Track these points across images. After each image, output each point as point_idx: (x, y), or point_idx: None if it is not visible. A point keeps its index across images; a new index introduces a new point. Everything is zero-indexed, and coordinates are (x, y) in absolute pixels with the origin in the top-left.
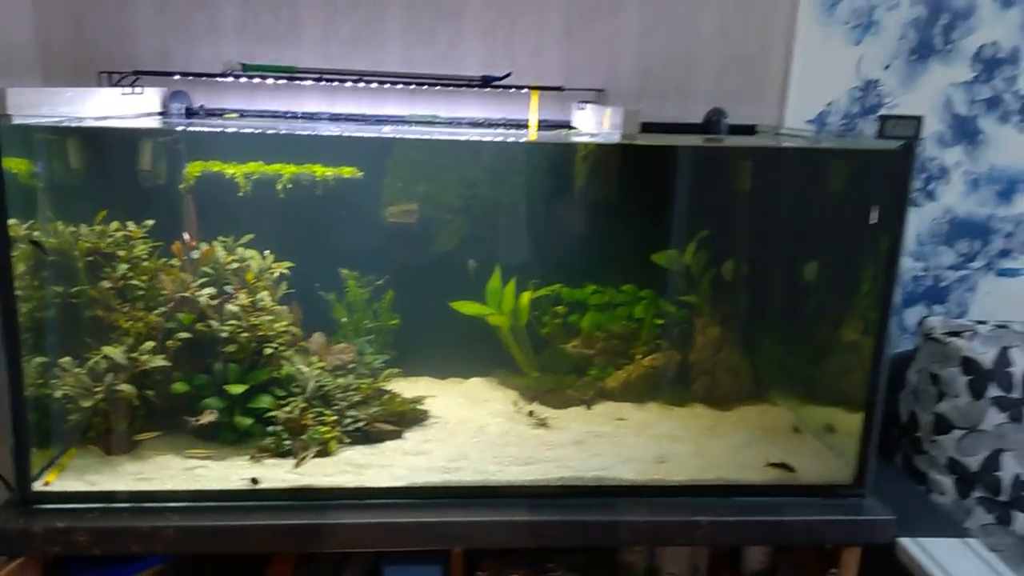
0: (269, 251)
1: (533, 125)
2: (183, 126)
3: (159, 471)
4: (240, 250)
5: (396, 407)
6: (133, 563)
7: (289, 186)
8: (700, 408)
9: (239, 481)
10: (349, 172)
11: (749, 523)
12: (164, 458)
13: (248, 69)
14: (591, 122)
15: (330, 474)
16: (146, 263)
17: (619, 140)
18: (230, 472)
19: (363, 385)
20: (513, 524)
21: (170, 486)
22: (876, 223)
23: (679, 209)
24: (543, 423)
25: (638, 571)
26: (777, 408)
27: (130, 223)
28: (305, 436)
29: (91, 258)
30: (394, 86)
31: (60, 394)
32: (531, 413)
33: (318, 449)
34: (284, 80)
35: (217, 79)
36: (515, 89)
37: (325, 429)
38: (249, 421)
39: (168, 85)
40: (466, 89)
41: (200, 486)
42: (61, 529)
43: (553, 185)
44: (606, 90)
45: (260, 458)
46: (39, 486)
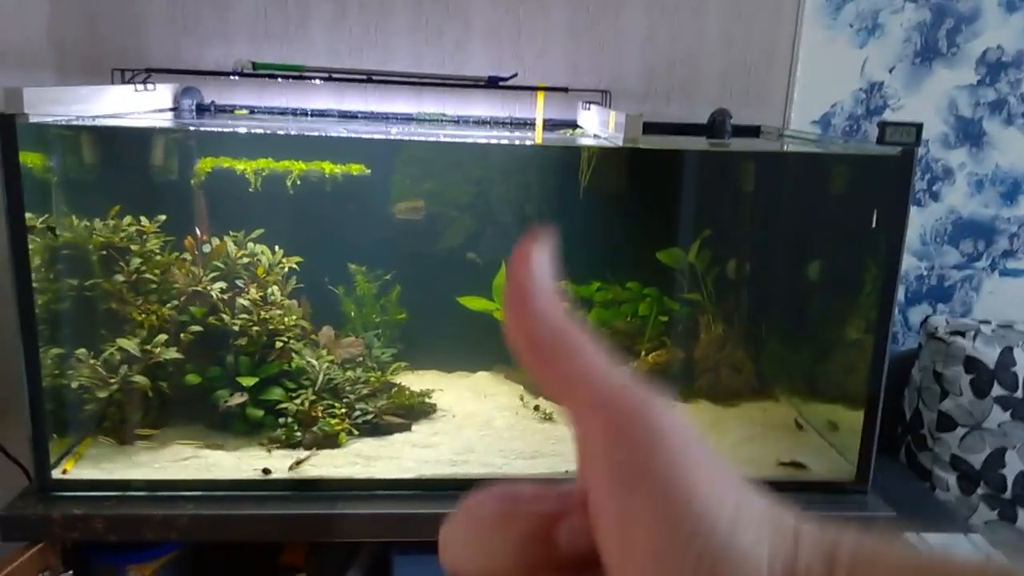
0: (279, 246)
1: (539, 125)
2: (194, 125)
3: (174, 460)
4: (250, 245)
5: (404, 400)
6: (149, 550)
7: (298, 183)
8: (704, 404)
9: (252, 471)
10: (357, 169)
11: None
12: (178, 448)
13: (258, 67)
14: (596, 123)
15: (340, 465)
16: (159, 257)
17: (620, 145)
18: (242, 462)
19: (372, 378)
20: None
21: (184, 475)
22: (877, 225)
23: (683, 209)
24: (549, 417)
25: None
26: (780, 405)
27: (143, 218)
28: (316, 428)
29: (105, 252)
30: (400, 85)
31: (76, 385)
32: (537, 407)
33: (311, 455)
34: (295, 78)
35: (228, 77)
36: (521, 89)
37: (335, 421)
38: (261, 413)
39: (180, 82)
40: (473, 88)
41: (213, 475)
42: (79, 516)
43: (558, 184)
44: (611, 91)
45: (270, 447)
46: (57, 474)
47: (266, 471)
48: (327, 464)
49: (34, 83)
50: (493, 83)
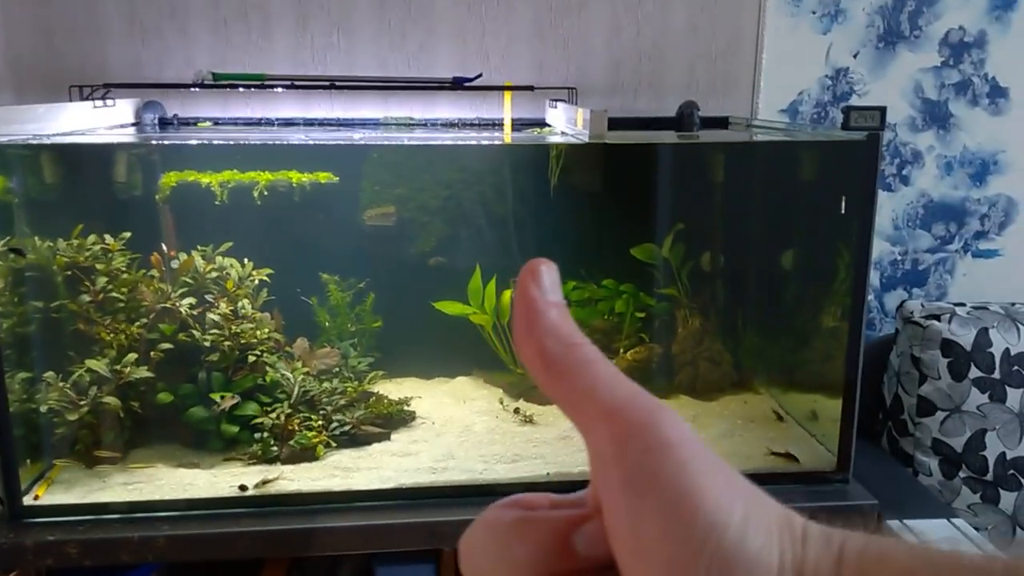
0: (248, 259)
1: (507, 125)
2: (156, 138)
3: (148, 481)
4: (219, 259)
5: (383, 409)
6: (126, 573)
7: (265, 193)
8: (684, 399)
9: (228, 488)
10: (325, 177)
11: None
12: (153, 469)
13: (219, 78)
14: (563, 120)
15: (318, 478)
16: (125, 275)
17: (586, 141)
18: (218, 480)
19: (349, 388)
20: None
21: (159, 496)
22: (847, 211)
23: (655, 203)
24: (529, 420)
25: None
26: (760, 396)
27: (107, 236)
28: (292, 442)
29: (70, 272)
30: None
31: (45, 408)
32: (517, 410)
33: (276, 478)
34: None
35: (189, 89)
36: (487, 90)
37: (312, 434)
38: (236, 429)
39: (142, 95)
40: (439, 90)
41: (189, 494)
42: (52, 542)
43: (528, 184)
44: (578, 87)
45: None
46: (29, 500)
47: (243, 488)
48: (305, 477)
49: None
50: (458, 84)
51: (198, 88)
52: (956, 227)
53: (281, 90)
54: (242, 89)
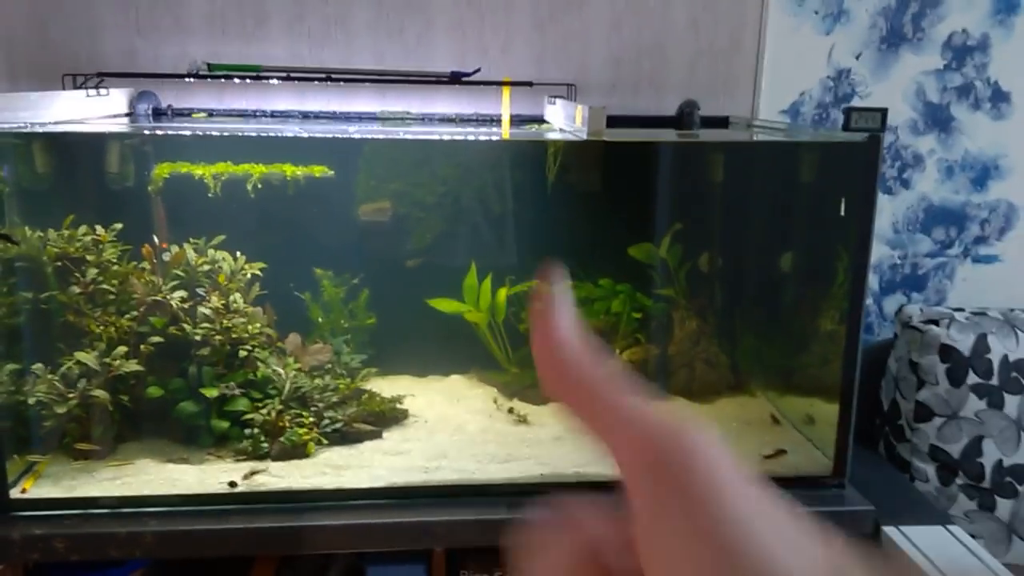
0: (241, 253)
1: (505, 121)
2: (148, 129)
3: (137, 476)
4: (211, 252)
5: (375, 407)
6: (114, 569)
7: (259, 186)
8: (680, 401)
9: (217, 484)
10: (320, 171)
11: None
12: (142, 463)
13: (214, 69)
14: (562, 117)
15: (308, 476)
16: (116, 267)
17: (584, 138)
18: (207, 476)
19: (341, 385)
20: (493, 522)
21: (147, 491)
22: (846, 213)
23: (653, 203)
24: (523, 420)
25: None
26: (756, 399)
27: (99, 227)
28: (283, 438)
29: (59, 263)
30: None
31: (33, 401)
32: (511, 410)
33: (261, 470)
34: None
35: (184, 79)
36: (485, 84)
37: (303, 431)
38: (226, 424)
39: (135, 85)
40: (437, 85)
41: (178, 490)
42: (39, 536)
43: (525, 181)
44: (577, 84)
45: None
46: (16, 493)
47: (232, 484)
48: (295, 475)
49: None
50: (456, 79)
51: (193, 79)
52: (956, 232)
53: (277, 82)
54: (237, 81)
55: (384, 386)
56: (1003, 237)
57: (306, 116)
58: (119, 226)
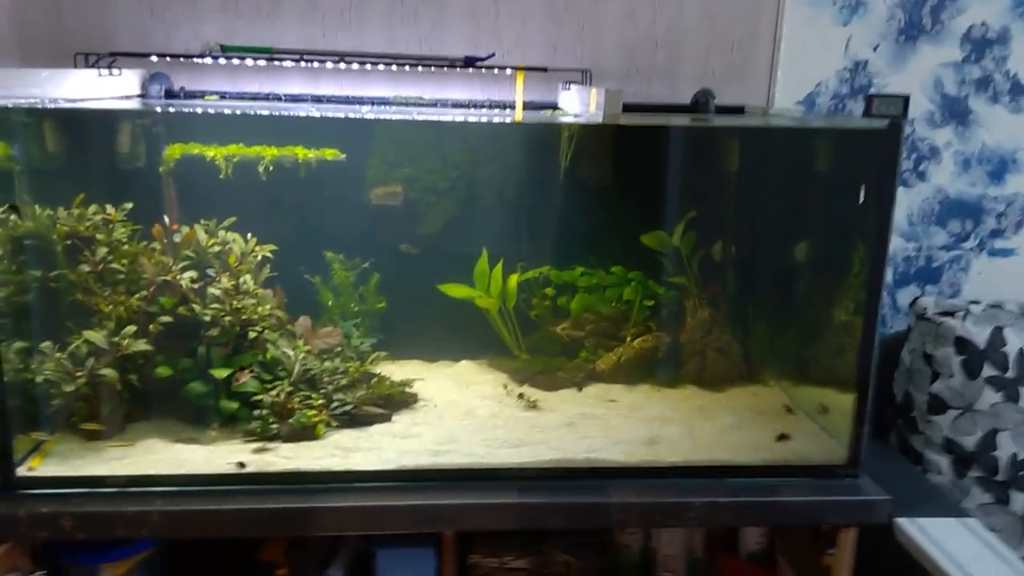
0: (252, 234)
1: (519, 106)
2: (160, 106)
3: (144, 455)
4: (222, 233)
5: (384, 390)
6: (122, 548)
7: (271, 168)
8: (691, 389)
9: (226, 465)
10: (332, 154)
11: (742, 504)
12: (149, 442)
13: (227, 50)
14: (576, 103)
15: (318, 457)
16: (126, 247)
17: (600, 121)
18: (216, 456)
19: (350, 368)
20: (503, 507)
21: (155, 470)
22: (865, 202)
23: (667, 190)
24: (533, 405)
25: (634, 552)
26: (769, 389)
27: (109, 206)
28: (292, 420)
29: (69, 242)
30: (376, 67)
31: (41, 379)
32: (521, 395)
33: (274, 448)
34: (265, 61)
35: (196, 60)
36: (499, 70)
37: (312, 413)
38: (235, 405)
39: (148, 67)
40: (450, 70)
41: (186, 470)
42: (46, 514)
43: (539, 166)
44: (591, 70)
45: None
46: (23, 471)
47: (241, 464)
48: (304, 456)
49: None
50: (470, 63)
51: (205, 60)
52: (972, 225)
53: (290, 64)
54: (250, 63)
55: (394, 370)
56: (1020, 231)
57: (319, 100)
58: (129, 205)
